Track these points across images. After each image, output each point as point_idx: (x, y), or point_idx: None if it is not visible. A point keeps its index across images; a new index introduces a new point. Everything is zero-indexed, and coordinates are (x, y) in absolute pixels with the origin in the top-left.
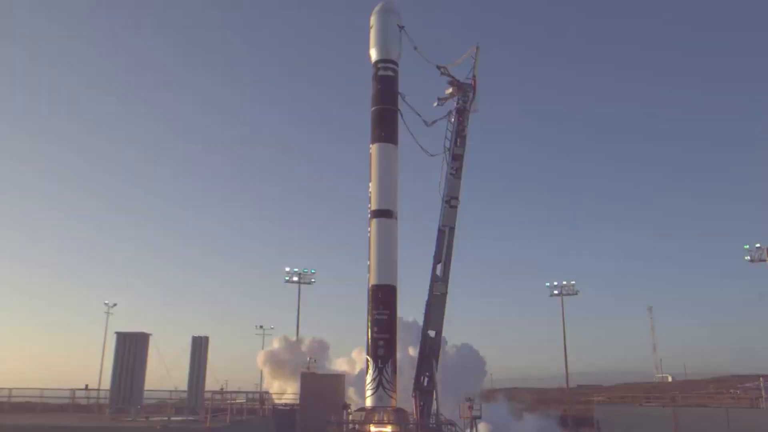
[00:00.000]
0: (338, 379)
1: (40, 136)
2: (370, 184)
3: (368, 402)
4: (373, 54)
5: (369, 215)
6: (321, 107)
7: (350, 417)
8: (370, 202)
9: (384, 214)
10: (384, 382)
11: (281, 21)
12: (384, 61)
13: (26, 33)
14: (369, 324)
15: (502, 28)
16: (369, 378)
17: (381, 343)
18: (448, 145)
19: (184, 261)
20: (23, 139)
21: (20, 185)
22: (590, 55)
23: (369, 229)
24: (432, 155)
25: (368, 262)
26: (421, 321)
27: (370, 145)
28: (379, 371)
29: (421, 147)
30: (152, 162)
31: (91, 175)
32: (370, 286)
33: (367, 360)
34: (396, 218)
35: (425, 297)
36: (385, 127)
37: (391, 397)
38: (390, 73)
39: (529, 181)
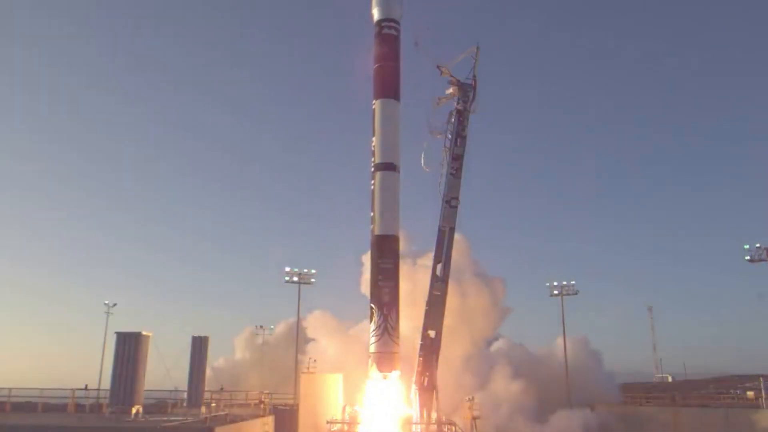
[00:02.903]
0: (338, 379)
1: (40, 136)
2: (373, 139)
3: (372, 348)
4: (376, 13)
5: (372, 169)
6: (322, 107)
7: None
8: (373, 156)
9: (387, 167)
10: (389, 329)
11: (282, 20)
12: (387, 20)
13: (26, 32)
14: (372, 273)
15: (503, 26)
16: (374, 325)
17: (386, 290)
18: (448, 144)
19: (184, 261)
20: (23, 138)
21: (20, 185)
22: (590, 54)
23: (372, 182)
24: (432, 133)
25: (371, 214)
26: None
27: (373, 101)
28: (384, 317)
29: (429, 127)
30: (152, 162)
31: (90, 175)
32: (373, 236)
33: (372, 308)
34: (399, 172)
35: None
36: (387, 84)
37: (395, 343)
38: (393, 32)
39: (528, 181)
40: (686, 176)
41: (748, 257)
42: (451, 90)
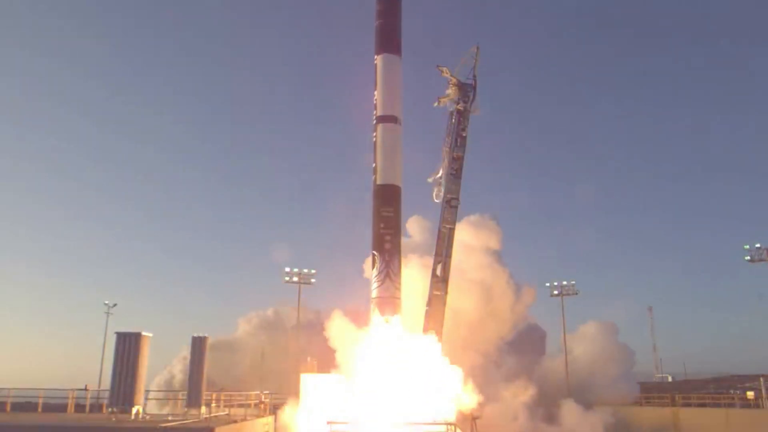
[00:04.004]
0: (338, 379)
1: (38, 133)
2: (375, 93)
3: (374, 293)
4: None
5: (374, 121)
6: (322, 106)
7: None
8: (375, 109)
9: (389, 119)
10: (390, 275)
11: (282, 20)
12: None
13: (27, 32)
14: (374, 221)
15: (503, 26)
16: (375, 271)
17: (387, 238)
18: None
19: (184, 261)
20: (22, 136)
21: (19, 184)
22: (590, 53)
23: (374, 134)
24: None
25: (373, 165)
26: None
27: (375, 56)
28: (386, 263)
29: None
30: (153, 161)
31: (91, 174)
32: (375, 186)
33: (374, 254)
34: (400, 124)
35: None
36: (388, 40)
37: (397, 288)
38: None
39: (527, 180)
40: (686, 176)
41: (748, 257)
42: (450, 90)
